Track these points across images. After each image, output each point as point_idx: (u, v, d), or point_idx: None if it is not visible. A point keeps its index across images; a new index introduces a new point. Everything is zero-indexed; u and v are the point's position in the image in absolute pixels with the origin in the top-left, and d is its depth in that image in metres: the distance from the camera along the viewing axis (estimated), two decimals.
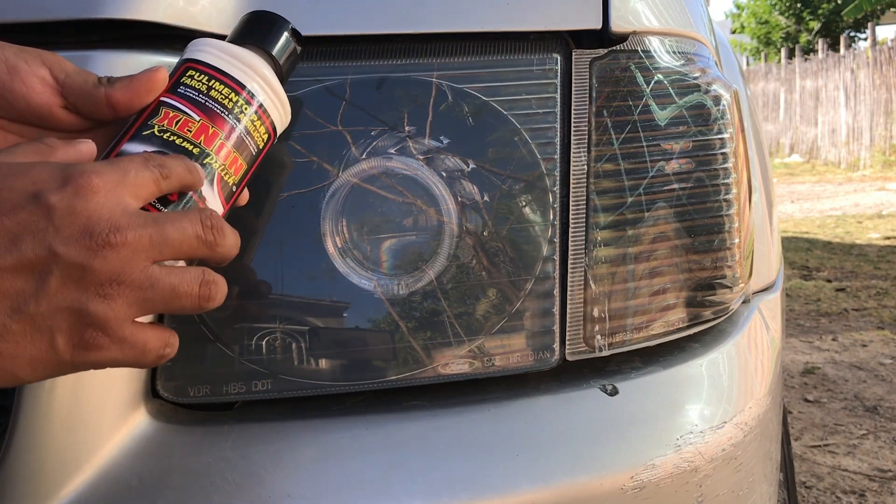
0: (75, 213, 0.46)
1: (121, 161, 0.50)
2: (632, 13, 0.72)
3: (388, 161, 0.66)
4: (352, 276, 0.66)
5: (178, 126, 0.55)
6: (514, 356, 0.69)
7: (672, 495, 0.67)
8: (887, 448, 2.44)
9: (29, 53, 0.54)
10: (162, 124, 0.55)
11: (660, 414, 0.70)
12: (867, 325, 3.79)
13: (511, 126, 0.68)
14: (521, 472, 0.64)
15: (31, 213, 0.45)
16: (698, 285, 0.76)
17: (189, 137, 0.55)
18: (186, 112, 0.55)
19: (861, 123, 12.36)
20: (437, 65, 0.68)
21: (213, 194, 0.55)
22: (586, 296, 0.70)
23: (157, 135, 0.54)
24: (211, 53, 0.57)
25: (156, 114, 0.55)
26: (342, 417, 0.66)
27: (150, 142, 0.54)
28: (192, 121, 0.55)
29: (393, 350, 0.66)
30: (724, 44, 1.31)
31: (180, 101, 0.56)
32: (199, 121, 0.55)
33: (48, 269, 0.46)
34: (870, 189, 9.83)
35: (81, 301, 0.47)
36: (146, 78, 0.55)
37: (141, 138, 0.54)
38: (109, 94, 0.54)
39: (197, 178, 0.54)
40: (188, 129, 0.55)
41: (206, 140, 0.55)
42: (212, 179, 0.55)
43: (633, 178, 0.71)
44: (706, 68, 0.77)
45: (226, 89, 0.56)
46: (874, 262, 5.22)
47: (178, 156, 0.53)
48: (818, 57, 13.82)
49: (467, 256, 0.67)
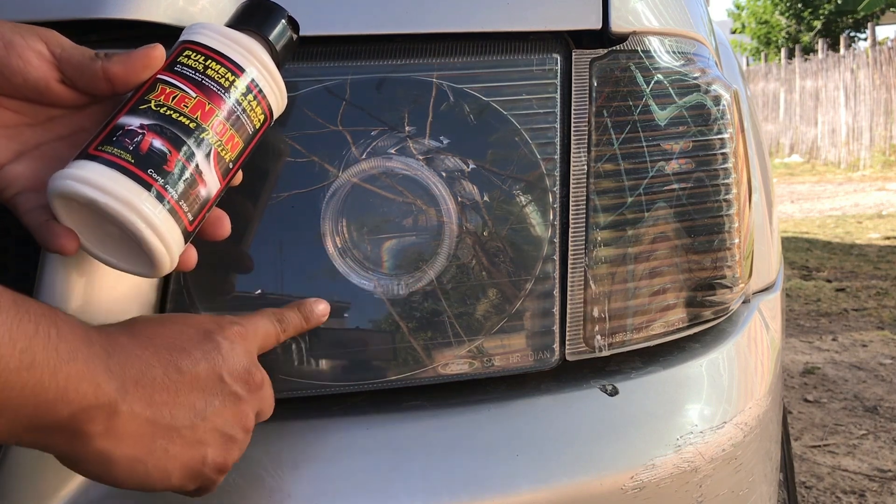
0: (236, 351, 0.56)
1: (252, 316, 0.60)
2: (632, 13, 0.72)
3: (388, 161, 0.66)
4: (352, 276, 0.66)
5: (175, 101, 0.55)
6: (514, 356, 0.69)
7: (672, 495, 0.67)
8: (887, 448, 2.44)
9: (25, 29, 0.54)
10: (159, 99, 0.55)
11: (660, 414, 0.70)
12: (867, 325, 3.79)
13: (511, 126, 0.68)
14: (521, 472, 0.64)
15: (205, 343, 0.55)
16: (698, 285, 0.76)
17: (185, 112, 0.55)
18: (183, 88, 0.56)
19: (861, 123, 12.36)
20: (437, 65, 0.68)
21: (210, 169, 0.56)
22: (586, 296, 0.70)
23: (153, 109, 0.54)
24: (208, 35, 0.58)
25: (153, 90, 0.55)
26: (342, 417, 0.66)
27: (147, 115, 0.54)
28: (189, 97, 0.55)
29: (393, 350, 0.66)
30: (724, 44, 1.31)
31: (177, 79, 0.56)
32: (196, 97, 0.56)
33: (215, 392, 0.54)
34: (870, 189, 9.83)
35: (233, 428, 0.56)
36: (143, 54, 0.55)
37: (138, 112, 0.54)
38: (106, 68, 0.55)
39: (313, 324, 0.63)
40: (185, 104, 0.55)
41: (203, 116, 0.55)
42: (208, 154, 0.55)
43: (633, 178, 0.71)
44: (706, 68, 0.77)
45: (222, 69, 0.57)
46: (874, 262, 5.22)
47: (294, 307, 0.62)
48: (818, 57, 13.81)
49: (467, 256, 0.67)
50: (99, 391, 0.47)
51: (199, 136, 0.55)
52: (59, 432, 0.47)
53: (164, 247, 0.53)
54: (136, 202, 0.52)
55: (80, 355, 0.46)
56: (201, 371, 0.54)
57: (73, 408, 0.46)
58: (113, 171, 0.52)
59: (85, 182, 0.51)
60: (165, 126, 0.54)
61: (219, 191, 0.57)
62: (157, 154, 0.53)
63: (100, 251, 0.56)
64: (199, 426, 0.53)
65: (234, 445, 0.56)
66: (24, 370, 0.43)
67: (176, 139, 0.54)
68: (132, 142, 0.53)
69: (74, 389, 0.46)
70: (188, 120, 0.55)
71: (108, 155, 0.53)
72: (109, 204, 0.51)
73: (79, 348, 0.46)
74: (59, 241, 0.53)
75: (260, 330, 0.59)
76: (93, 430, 0.48)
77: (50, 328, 0.45)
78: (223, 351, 0.55)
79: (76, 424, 0.47)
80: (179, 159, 0.54)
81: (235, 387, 0.56)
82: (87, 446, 0.48)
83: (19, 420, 0.45)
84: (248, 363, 0.57)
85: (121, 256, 0.56)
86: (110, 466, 0.50)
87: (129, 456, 0.50)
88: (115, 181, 0.52)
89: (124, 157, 0.52)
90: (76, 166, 0.52)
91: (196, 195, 0.55)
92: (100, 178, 0.52)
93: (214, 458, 0.55)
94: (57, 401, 0.45)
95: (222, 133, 0.56)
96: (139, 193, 0.52)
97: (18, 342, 0.43)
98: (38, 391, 0.44)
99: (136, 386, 0.50)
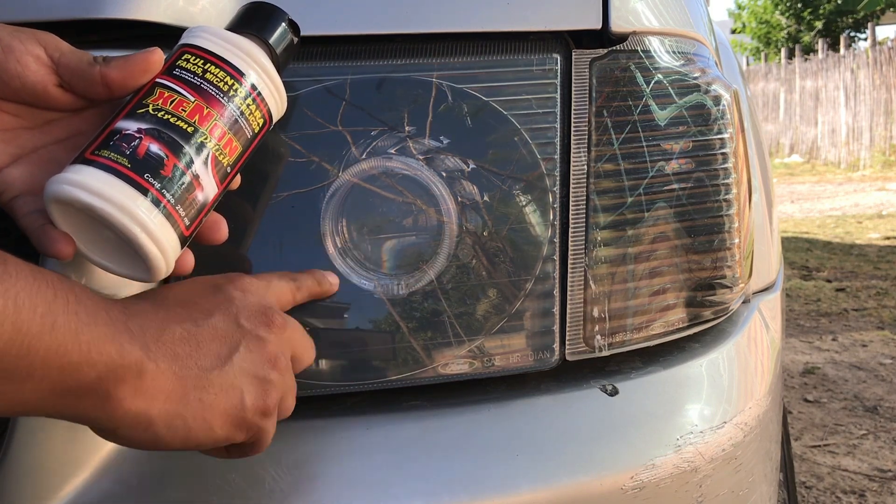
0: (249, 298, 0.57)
1: (265, 275, 0.61)
2: (632, 13, 0.72)
3: (388, 161, 0.66)
4: (352, 277, 0.66)
5: (173, 105, 0.55)
6: (514, 356, 0.69)
7: (672, 495, 0.67)
8: (887, 448, 2.44)
9: (24, 33, 0.54)
10: (157, 103, 0.55)
11: (660, 414, 0.70)
12: (867, 325, 3.79)
13: (511, 126, 0.68)
14: (521, 473, 0.64)
15: (216, 296, 0.57)
16: (698, 285, 0.76)
17: (183, 116, 0.55)
18: (181, 93, 0.55)
19: (861, 123, 12.35)
20: (437, 65, 0.68)
21: (208, 174, 0.55)
22: (586, 296, 0.70)
23: (151, 113, 0.54)
24: (207, 39, 0.58)
25: (151, 94, 0.55)
26: (342, 417, 0.66)
27: (145, 119, 0.54)
28: (187, 101, 0.55)
29: (393, 350, 0.66)
30: (724, 44, 1.31)
31: (175, 83, 0.56)
32: (194, 101, 0.55)
33: (236, 337, 0.55)
34: (870, 189, 9.83)
35: (263, 369, 0.56)
36: (142, 58, 0.55)
37: (135, 116, 0.54)
38: (104, 73, 0.55)
39: (326, 289, 0.64)
40: (183, 108, 0.55)
41: (201, 120, 0.55)
42: (206, 159, 0.55)
43: (633, 178, 0.71)
44: (706, 68, 0.77)
45: (221, 72, 0.57)
46: (874, 262, 5.22)
47: (307, 271, 0.63)
48: (818, 57, 13.81)
49: (467, 256, 0.67)
50: (123, 351, 0.47)
51: (196, 140, 0.55)
52: (88, 396, 0.47)
53: (160, 251, 0.53)
54: (132, 207, 0.52)
55: (101, 318, 0.47)
56: (217, 321, 0.55)
57: (98, 369, 0.46)
58: (109, 175, 0.52)
59: (81, 187, 0.51)
60: (163, 130, 0.54)
61: (216, 195, 0.57)
62: (154, 158, 0.53)
63: (96, 256, 0.56)
64: (228, 372, 0.54)
65: (271, 386, 0.56)
66: (46, 334, 0.43)
67: (173, 143, 0.54)
68: (129, 146, 0.53)
69: (98, 351, 0.46)
70: (186, 124, 0.55)
71: (104, 159, 0.52)
72: (105, 209, 0.51)
73: (98, 312, 0.47)
74: (56, 246, 0.53)
75: (273, 284, 0.60)
76: (122, 391, 0.48)
77: (69, 294, 0.45)
78: (235, 299, 0.57)
79: (105, 386, 0.47)
80: (177, 164, 0.54)
81: (256, 329, 0.56)
82: (120, 409, 0.48)
83: (47, 385, 0.45)
84: (263, 306, 0.57)
85: (117, 261, 0.55)
86: (149, 426, 0.50)
87: (166, 412, 0.50)
88: (112, 186, 0.51)
89: (121, 161, 0.52)
90: (73, 171, 0.52)
91: (193, 199, 0.55)
92: (96, 182, 0.51)
93: (254, 402, 0.55)
94: (81, 363, 0.45)
95: (220, 137, 0.56)
96: (135, 198, 0.52)
97: (39, 307, 0.43)
98: (62, 353, 0.44)
99: (158, 343, 0.50)
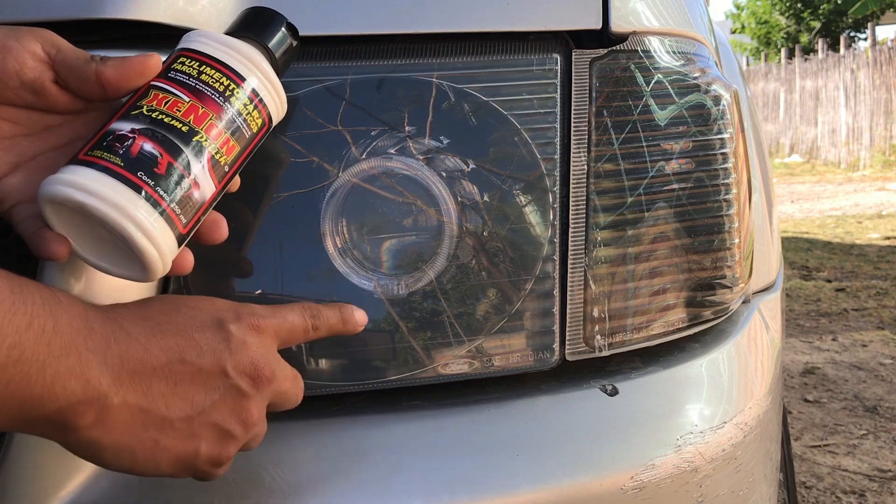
0: (246, 345, 0.55)
1: (281, 308, 0.58)
2: (632, 13, 0.72)
3: (388, 161, 0.66)
4: (352, 277, 0.66)
5: (168, 106, 0.55)
6: (514, 356, 0.69)
7: (672, 495, 0.67)
8: (887, 448, 2.44)
9: (21, 31, 0.54)
10: (151, 104, 0.55)
11: (660, 414, 0.70)
12: (867, 325, 3.79)
13: (511, 126, 0.68)
14: (521, 472, 0.64)
15: (214, 334, 0.54)
16: (698, 285, 0.76)
17: (178, 116, 0.55)
18: (176, 94, 0.55)
19: (861, 123, 12.35)
20: (437, 65, 0.68)
21: (204, 172, 0.55)
22: (586, 296, 0.70)
23: (145, 114, 0.54)
24: (204, 43, 0.58)
25: (145, 96, 0.55)
26: (342, 417, 0.66)
27: (139, 120, 0.54)
28: (182, 101, 0.55)
29: (393, 350, 0.66)
30: (724, 44, 1.31)
31: (170, 84, 0.56)
32: (189, 102, 0.55)
33: (216, 386, 0.53)
34: (870, 189, 9.82)
35: (231, 424, 0.54)
36: (138, 61, 0.56)
37: (129, 117, 0.54)
38: (100, 72, 0.54)
39: (351, 329, 0.62)
40: (177, 108, 0.55)
41: (196, 119, 0.55)
42: (202, 158, 0.55)
43: (633, 178, 0.71)
44: (706, 68, 0.77)
45: (217, 73, 0.57)
46: (874, 262, 5.22)
47: (335, 306, 0.61)
48: (818, 57, 13.81)
49: (467, 256, 0.67)
50: (88, 386, 0.47)
51: (192, 139, 0.55)
52: (47, 425, 0.47)
53: (156, 250, 0.53)
54: (126, 205, 0.51)
55: (75, 349, 0.46)
56: (205, 363, 0.53)
57: (59, 404, 0.46)
58: (102, 174, 0.52)
59: (73, 186, 0.51)
60: (157, 130, 0.54)
61: (214, 194, 0.57)
62: (148, 157, 0.53)
63: (92, 256, 0.55)
64: (195, 420, 0.53)
65: (231, 441, 0.55)
66: (11, 366, 0.43)
67: (167, 142, 0.54)
68: (122, 146, 0.53)
69: (62, 386, 0.46)
70: (181, 124, 0.55)
71: (97, 159, 0.52)
72: (98, 207, 0.51)
73: (74, 342, 0.46)
74: (50, 248, 0.53)
75: (286, 323, 0.58)
76: (81, 422, 0.48)
77: (46, 321, 0.45)
78: (232, 343, 0.54)
79: (63, 418, 0.47)
80: (171, 162, 0.54)
81: (239, 381, 0.54)
82: (75, 436, 0.49)
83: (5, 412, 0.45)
84: (256, 357, 0.55)
85: (113, 261, 0.55)
86: (97, 452, 0.50)
87: (117, 444, 0.50)
88: (105, 184, 0.51)
89: (114, 160, 0.52)
90: (66, 171, 0.52)
91: (189, 198, 0.55)
92: (89, 181, 0.51)
93: (208, 453, 0.54)
94: (43, 397, 0.45)
95: (217, 137, 0.56)
96: (129, 196, 0.52)
97: (8, 337, 0.42)
98: (24, 386, 0.44)
99: (133, 376, 0.50)
